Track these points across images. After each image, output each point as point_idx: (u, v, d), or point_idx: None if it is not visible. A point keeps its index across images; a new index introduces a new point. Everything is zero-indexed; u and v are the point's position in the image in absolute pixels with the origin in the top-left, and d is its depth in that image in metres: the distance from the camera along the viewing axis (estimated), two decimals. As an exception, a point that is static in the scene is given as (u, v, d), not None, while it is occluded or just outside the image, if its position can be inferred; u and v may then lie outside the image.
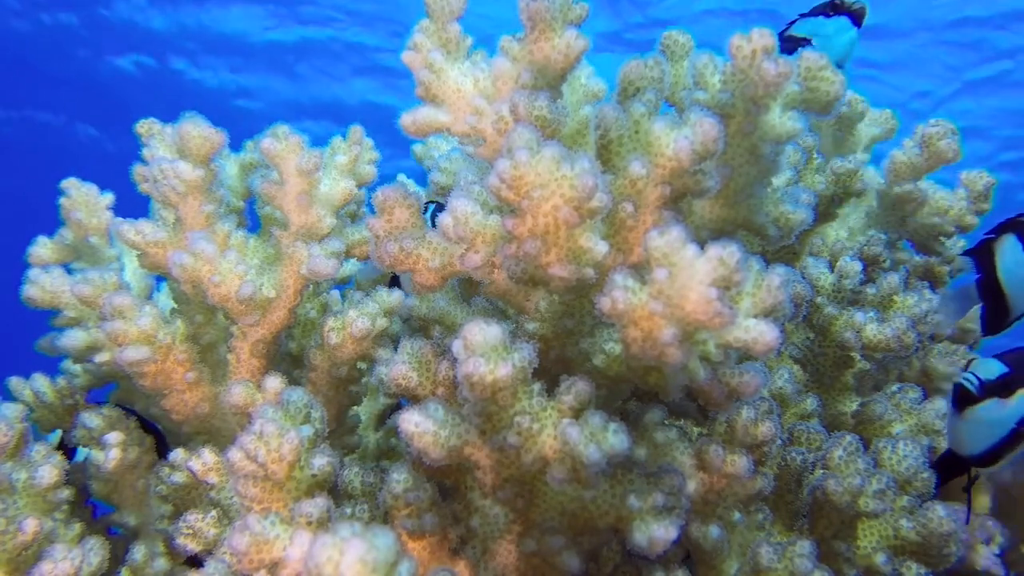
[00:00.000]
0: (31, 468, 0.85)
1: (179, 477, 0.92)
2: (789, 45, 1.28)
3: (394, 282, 1.18)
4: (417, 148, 1.51)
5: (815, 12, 1.29)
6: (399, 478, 0.70)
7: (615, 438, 0.58)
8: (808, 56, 0.62)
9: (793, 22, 1.32)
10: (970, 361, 0.79)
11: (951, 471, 0.84)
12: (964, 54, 6.84)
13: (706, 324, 0.48)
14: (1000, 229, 1.04)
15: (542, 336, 0.71)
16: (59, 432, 1.06)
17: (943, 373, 1.25)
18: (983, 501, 1.16)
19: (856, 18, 1.25)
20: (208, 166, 0.91)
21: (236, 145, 1.06)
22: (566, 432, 0.58)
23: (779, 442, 0.86)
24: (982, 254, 1.03)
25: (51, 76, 8.89)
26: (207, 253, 0.87)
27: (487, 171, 0.61)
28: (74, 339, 0.94)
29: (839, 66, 1.24)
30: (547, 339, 0.71)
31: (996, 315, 0.98)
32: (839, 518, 0.84)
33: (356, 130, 1.01)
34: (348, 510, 0.78)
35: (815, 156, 1.27)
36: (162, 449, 1.01)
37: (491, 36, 0.69)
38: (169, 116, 0.94)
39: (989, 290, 0.99)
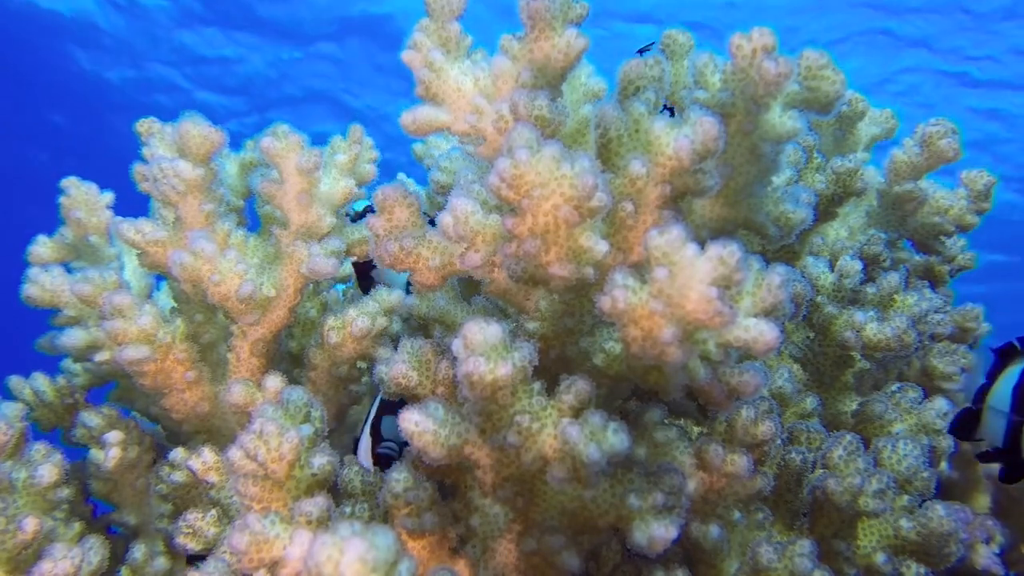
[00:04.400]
0: (31, 467, 0.85)
1: (179, 476, 0.92)
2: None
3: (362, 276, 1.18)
4: (417, 147, 1.51)
5: None
6: (399, 477, 0.70)
7: (615, 437, 0.58)
8: (808, 55, 0.62)
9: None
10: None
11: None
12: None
13: (706, 323, 0.48)
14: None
15: (542, 335, 0.71)
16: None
17: (943, 372, 1.25)
18: (983, 501, 1.16)
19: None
20: (208, 165, 0.91)
21: (236, 144, 1.06)
22: (566, 431, 0.58)
23: (779, 441, 0.86)
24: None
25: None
26: (207, 252, 0.87)
27: (487, 170, 0.61)
28: (74, 338, 0.94)
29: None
30: (547, 338, 0.71)
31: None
32: (839, 517, 0.84)
33: (356, 129, 1.01)
34: (348, 509, 0.78)
35: (815, 155, 1.27)
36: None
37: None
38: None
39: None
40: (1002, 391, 0.99)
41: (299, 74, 8.48)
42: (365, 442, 0.90)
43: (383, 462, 0.86)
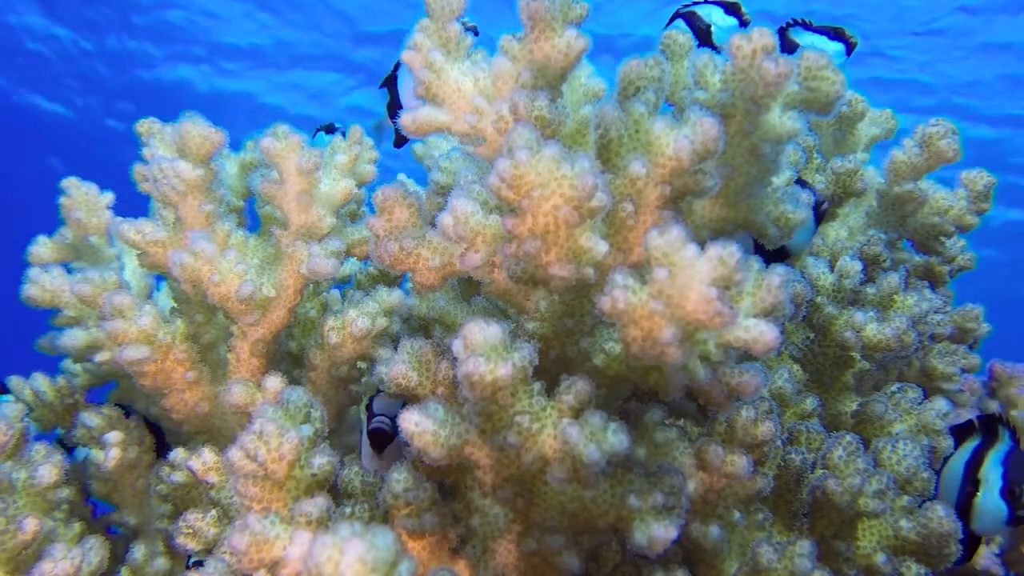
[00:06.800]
0: (31, 467, 0.85)
1: (179, 476, 0.92)
2: (788, 47, 1.37)
3: None
4: (417, 147, 1.51)
5: (819, 29, 1.38)
6: (399, 477, 0.70)
7: (615, 438, 0.58)
8: (809, 56, 0.62)
9: (792, 24, 1.38)
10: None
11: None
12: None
13: (706, 324, 0.48)
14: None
15: (542, 336, 0.71)
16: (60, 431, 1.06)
17: (943, 373, 1.25)
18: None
19: (849, 48, 1.37)
20: (208, 165, 0.91)
21: (236, 144, 1.06)
22: (566, 432, 0.58)
23: (779, 442, 0.86)
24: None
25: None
26: (207, 252, 0.87)
27: (487, 171, 0.61)
28: (74, 338, 0.94)
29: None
30: (547, 339, 0.71)
31: None
32: (839, 518, 0.84)
33: (356, 130, 1.01)
34: (348, 509, 0.78)
35: (815, 156, 1.27)
36: (161, 447, 1.01)
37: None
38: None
39: None
40: (958, 461, 1.03)
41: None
42: (364, 428, 0.89)
43: (378, 439, 0.83)
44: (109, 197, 1.08)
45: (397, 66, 1.24)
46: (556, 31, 0.67)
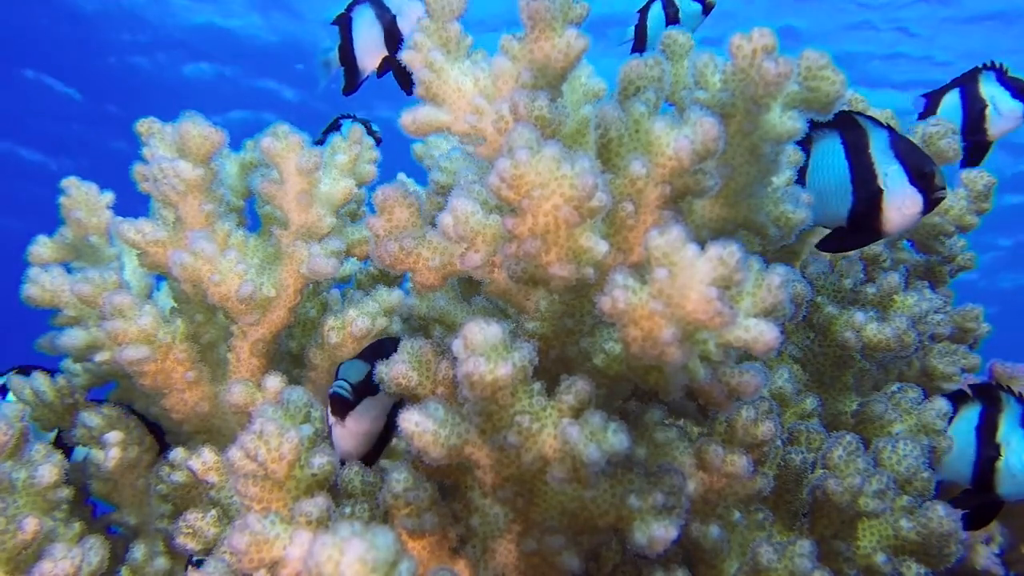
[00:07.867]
0: (31, 467, 0.85)
1: (179, 476, 0.92)
2: (970, 99, 1.32)
3: None
4: (417, 147, 1.51)
5: (1009, 83, 1.33)
6: (399, 477, 0.70)
7: (615, 437, 0.58)
8: (808, 55, 0.62)
9: (988, 68, 1.34)
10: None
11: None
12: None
13: (706, 324, 0.48)
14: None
15: (542, 335, 0.71)
16: (56, 431, 1.06)
17: (943, 373, 1.25)
18: (983, 501, 1.16)
19: None
20: (208, 165, 0.91)
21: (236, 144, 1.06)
22: (566, 431, 0.58)
23: (779, 442, 0.86)
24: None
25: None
26: (207, 252, 0.87)
27: (487, 170, 0.61)
28: (74, 338, 0.94)
29: (985, 145, 1.27)
30: (547, 338, 0.71)
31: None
32: (839, 518, 0.84)
33: (356, 129, 1.01)
34: (348, 509, 0.78)
35: (815, 155, 1.26)
36: (162, 447, 1.01)
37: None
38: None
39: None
40: (963, 429, 1.04)
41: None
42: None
43: (337, 405, 0.80)
44: (109, 197, 1.08)
45: (352, 6, 1.23)
46: (556, 31, 0.67)
